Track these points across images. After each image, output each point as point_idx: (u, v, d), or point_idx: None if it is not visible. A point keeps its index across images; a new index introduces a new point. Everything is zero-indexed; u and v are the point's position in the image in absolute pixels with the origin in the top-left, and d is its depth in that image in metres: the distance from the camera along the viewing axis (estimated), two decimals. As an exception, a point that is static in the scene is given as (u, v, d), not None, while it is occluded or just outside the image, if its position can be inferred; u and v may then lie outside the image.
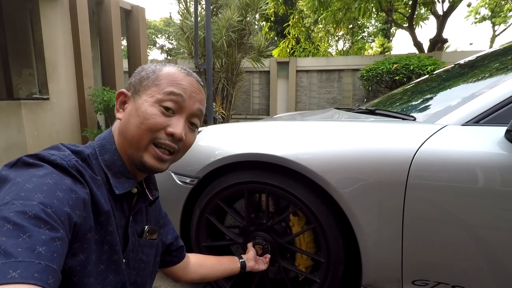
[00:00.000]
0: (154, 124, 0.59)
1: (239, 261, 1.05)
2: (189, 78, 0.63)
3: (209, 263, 0.99)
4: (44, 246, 0.39)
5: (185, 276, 0.91)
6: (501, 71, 1.19)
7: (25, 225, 0.40)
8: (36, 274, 0.37)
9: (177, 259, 0.88)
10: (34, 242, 0.39)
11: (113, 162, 0.61)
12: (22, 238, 0.38)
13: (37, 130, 4.05)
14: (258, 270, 1.10)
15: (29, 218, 0.41)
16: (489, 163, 0.88)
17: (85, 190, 0.52)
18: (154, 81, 0.61)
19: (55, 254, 0.40)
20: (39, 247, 0.39)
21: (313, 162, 1.04)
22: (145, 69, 0.64)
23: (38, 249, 0.39)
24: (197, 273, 0.94)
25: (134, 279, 0.66)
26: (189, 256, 0.94)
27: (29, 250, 0.38)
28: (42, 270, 0.37)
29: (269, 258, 1.15)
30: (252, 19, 7.20)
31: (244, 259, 1.07)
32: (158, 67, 0.63)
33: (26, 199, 0.43)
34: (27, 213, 0.41)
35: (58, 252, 0.41)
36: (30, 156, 0.51)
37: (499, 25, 15.99)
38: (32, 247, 0.38)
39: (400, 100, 1.68)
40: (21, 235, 0.39)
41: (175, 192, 1.29)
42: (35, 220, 0.41)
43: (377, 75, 6.52)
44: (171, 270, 0.88)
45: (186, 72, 0.64)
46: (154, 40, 23.48)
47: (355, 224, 1.00)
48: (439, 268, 0.96)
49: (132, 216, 0.65)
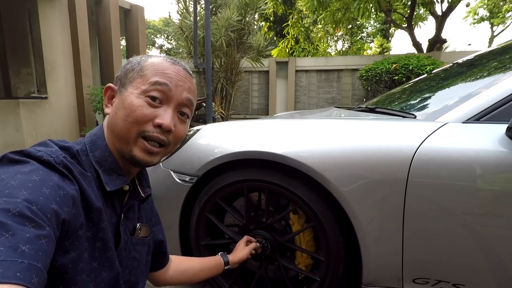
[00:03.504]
0: (141, 116, 0.57)
1: (223, 260, 1.00)
2: (175, 66, 0.61)
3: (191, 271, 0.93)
4: (28, 245, 0.38)
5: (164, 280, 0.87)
6: (501, 70, 1.19)
7: (8, 223, 0.38)
8: (18, 273, 0.35)
9: (162, 265, 0.85)
10: (17, 240, 0.38)
11: (104, 158, 0.60)
12: (4, 236, 0.37)
13: (35, 129, 4.03)
14: (242, 259, 1.04)
15: (12, 216, 0.39)
16: (490, 161, 0.87)
17: (74, 187, 0.51)
18: (139, 72, 0.60)
19: (40, 253, 0.39)
20: (23, 245, 0.38)
21: (313, 160, 1.03)
22: (131, 61, 0.62)
23: (22, 247, 0.37)
24: (176, 278, 0.89)
25: (127, 277, 0.65)
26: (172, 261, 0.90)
27: (12, 249, 0.37)
28: (25, 269, 0.36)
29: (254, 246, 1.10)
30: (251, 19, 7.21)
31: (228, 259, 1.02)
32: (143, 58, 0.62)
33: (10, 196, 0.41)
34: (10, 211, 0.40)
35: (44, 250, 0.40)
36: (15, 152, 0.50)
37: (498, 25, 16.07)
38: (15, 246, 0.37)
39: (399, 99, 1.68)
40: (4, 233, 0.37)
41: (174, 190, 1.28)
42: (19, 218, 0.40)
43: (376, 75, 6.53)
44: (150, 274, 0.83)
45: (172, 61, 0.62)
46: (153, 40, 23.46)
47: (355, 222, 1.00)
48: (440, 266, 0.96)
49: (124, 214, 0.63)
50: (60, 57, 4.37)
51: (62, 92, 4.44)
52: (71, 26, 4.49)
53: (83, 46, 4.60)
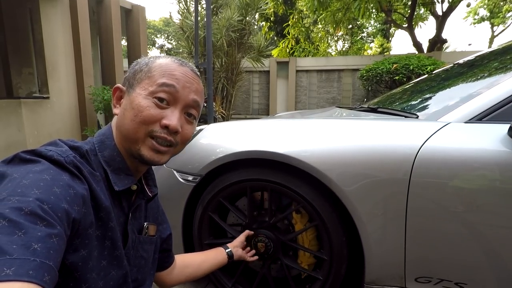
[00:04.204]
0: (148, 116, 0.58)
1: (225, 252, 1.04)
2: (182, 68, 0.62)
3: (195, 263, 0.96)
4: (40, 243, 0.39)
5: (171, 280, 0.88)
6: (503, 70, 1.20)
7: (20, 221, 0.39)
8: (31, 271, 0.36)
9: (168, 265, 0.86)
10: (30, 239, 0.38)
11: (112, 158, 0.60)
12: (17, 235, 0.38)
13: (37, 129, 4.04)
14: (245, 259, 1.11)
15: (25, 214, 0.40)
16: (492, 161, 0.88)
17: (84, 186, 0.51)
18: (147, 74, 0.60)
19: (52, 251, 0.40)
20: (35, 244, 0.38)
21: (316, 159, 1.04)
22: (139, 62, 0.63)
23: (34, 246, 0.38)
24: (183, 274, 0.91)
25: (135, 276, 0.66)
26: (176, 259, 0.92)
27: (24, 247, 0.37)
28: (37, 267, 0.37)
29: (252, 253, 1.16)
30: (252, 19, 7.21)
31: (230, 248, 1.07)
32: (151, 60, 0.62)
33: (22, 195, 0.42)
34: (23, 210, 0.40)
35: (55, 248, 0.41)
36: (27, 152, 0.50)
37: (498, 26, 16.05)
38: (27, 244, 0.38)
39: (401, 99, 1.68)
40: (17, 232, 0.38)
41: (177, 190, 1.29)
42: (31, 216, 0.40)
43: (376, 75, 6.53)
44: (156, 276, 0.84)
45: (179, 62, 0.62)
46: (154, 40, 23.45)
47: (358, 222, 1.00)
48: (442, 265, 0.96)
49: (132, 213, 0.64)
50: (61, 57, 4.38)
51: (63, 92, 4.45)
52: (73, 26, 4.50)
53: (84, 46, 4.60)
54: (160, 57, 0.63)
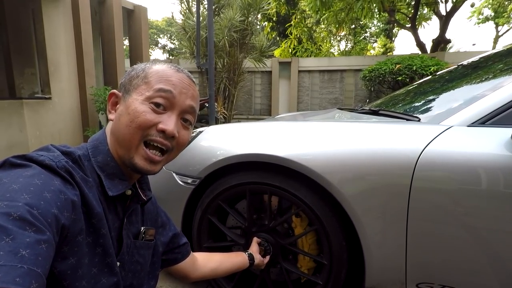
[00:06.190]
0: (144, 121, 0.58)
1: (246, 254, 1.05)
2: (179, 74, 0.62)
3: (217, 258, 0.97)
4: (28, 249, 0.38)
5: (194, 273, 0.89)
6: (507, 72, 1.18)
7: (8, 227, 0.38)
8: (17, 278, 0.35)
9: (181, 256, 0.85)
10: (18, 245, 0.38)
11: (106, 163, 0.60)
12: (5, 240, 0.37)
13: (39, 130, 4.05)
14: (261, 267, 1.11)
15: (13, 219, 0.39)
16: (495, 165, 0.86)
17: (75, 192, 0.51)
18: (143, 79, 0.60)
19: (40, 258, 0.39)
20: (23, 250, 0.37)
21: (316, 162, 1.03)
22: (135, 68, 0.64)
23: (22, 252, 0.37)
24: (206, 267, 0.92)
25: (130, 281, 0.65)
26: (195, 254, 0.93)
27: (12, 254, 0.37)
28: (24, 274, 0.36)
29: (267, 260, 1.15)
30: (254, 19, 7.18)
31: (250, 251, 1.08)
32: (148, 65, 0.63)
33: (12, 200, 0.41)
34: (11, 215, 0.39)
35: (43, 255, 0.40)
36: (17, 156, 0.50)
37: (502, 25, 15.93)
38: (15, 250, 0.37)
39: (403, 101, 1.67)
40: (4, 237, 0.37)
41: (177, 192, 1.28)
42: (19, 222, 0.39)
43: (379, 75, 6.49)
44: (178, 269, 0.86)
45: (176, 68, 0.63)
46: (156, 40, 23.51)
47: (358, 226, 0.99)
48: (444, 270, 0.95)
49: (127, 218, 0.64)
50: (63, 57, 4.39)
51: (65, 93, 4.46)
52: (75, 26, 4.50)
53: (86, 46, 4.61)
54: (156, 63, 0.64)
